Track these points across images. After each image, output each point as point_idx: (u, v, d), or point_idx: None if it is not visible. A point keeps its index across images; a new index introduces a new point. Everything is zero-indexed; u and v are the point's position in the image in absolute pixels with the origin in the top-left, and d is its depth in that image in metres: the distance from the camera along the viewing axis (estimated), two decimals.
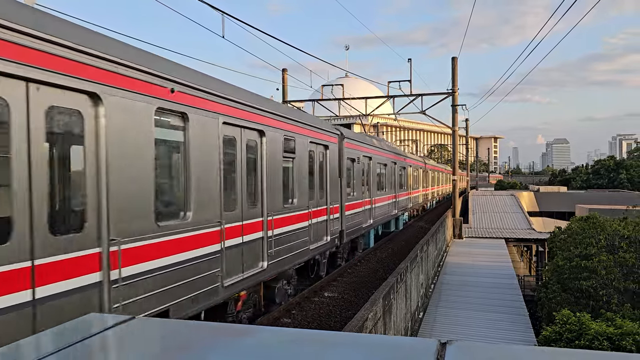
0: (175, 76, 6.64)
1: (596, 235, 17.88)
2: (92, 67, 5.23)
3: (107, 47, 5.55)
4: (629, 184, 71.81)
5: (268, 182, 9.43)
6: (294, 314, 12.04)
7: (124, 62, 5.66)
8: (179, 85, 6.68)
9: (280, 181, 10.06)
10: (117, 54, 5.61)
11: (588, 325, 10.79)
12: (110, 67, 5.47)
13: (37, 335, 1.97)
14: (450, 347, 1.57)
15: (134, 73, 5.84)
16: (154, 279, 6.08)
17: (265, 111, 9.28)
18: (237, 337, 1.88)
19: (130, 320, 2.05)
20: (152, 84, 6.15)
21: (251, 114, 8.76)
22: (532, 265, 38.79)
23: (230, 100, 8.01)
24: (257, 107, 8.95)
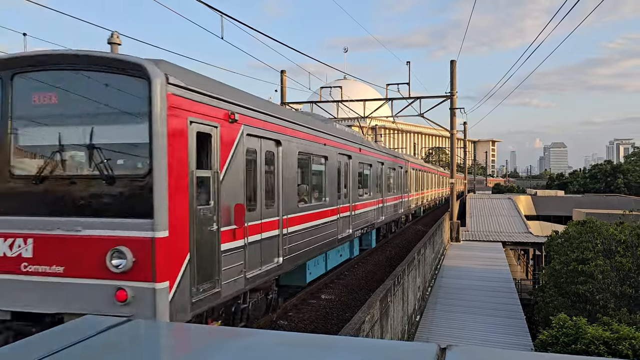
0: (316, 126, 12.55)
1: (593, 239, 17.90)
2: (276, 125, 9.72)
3: (283, 113, 10.60)
4: (626, 189, 72.05)
5: (328, 182, 13.50)
6: (291, 316, 12.02)
7: (293, 121, 10.72)
8: (322, 133, 12.93)
9: (336, 181, 14.18)
10: (289, 116, 10.69)
11: (584, 330, 10.79)
12: (284, 126, 10.15)
13: (34, 336, 1.95)
14: (450, 352, 1.56)
15: (292, 125, 10.56)
16: (299, 235, 10.89)
17: (326, 133, 13.46)
18: (235, 340, 1.87)
19: (128, 321, 2.03)
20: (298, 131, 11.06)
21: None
22: (529, 269, 38.85)
23: (308, 128, 11.88)
24: (323, 132, 13.18)
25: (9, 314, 6.37)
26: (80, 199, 6.48)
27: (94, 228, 6.25)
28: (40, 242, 6.41)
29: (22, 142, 6.87)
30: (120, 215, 6.23)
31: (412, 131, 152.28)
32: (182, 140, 6.59)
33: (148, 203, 6.14)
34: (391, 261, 19.46)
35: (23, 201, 6.66)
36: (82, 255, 6.27)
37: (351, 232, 15.10)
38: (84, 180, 6.56)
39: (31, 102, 6.67)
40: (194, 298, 6.74)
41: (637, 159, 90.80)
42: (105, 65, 6.40)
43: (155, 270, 6.05)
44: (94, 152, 6.50)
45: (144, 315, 5.98)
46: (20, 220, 6.47)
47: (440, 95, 29.59)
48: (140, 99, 6.25)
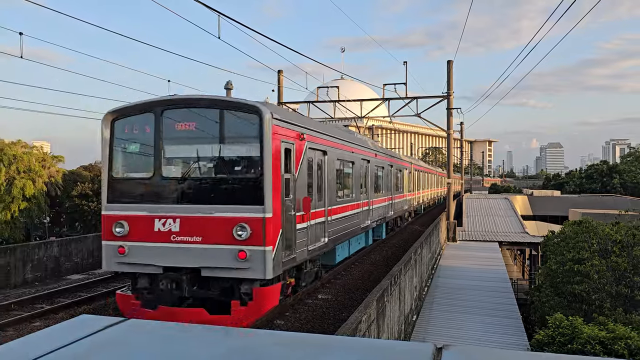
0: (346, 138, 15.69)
1: (589, 239, 17.94)
2: (324, 140, 12.74)
3: (328, 130, 13.74)
4: (622, 189, 72.22)
5: (367, 182, 17.96)
6: (288, 316, 12.01)
7: (333, 135, 13.84)
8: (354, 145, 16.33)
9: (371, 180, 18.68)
10: (331, 132, 13.75)
11: (580, 329, 10.82)
12: (328, 140, 13.22)
13: (29, 336, 1.95)
14: (446, 352, 1.56)
15: (332, 138, 13.61)
16: (336, 222, 13.67)
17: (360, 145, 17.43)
18: (231, 340, 1.86)
19: (124, 321, 2.03)
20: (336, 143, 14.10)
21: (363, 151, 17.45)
22: (526, 268, 38.95)
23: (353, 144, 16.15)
24: (362, 146, 17.58)
25: (161, 269, 9.72)
26: (212, 192, 9.78)
27: (224, 212, 9.46)
28: (184, 220, 9.59)
29: (169, 155, 10.26)
30: (242, 203, 9.47)
31: (409, 131, 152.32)
32: (277, 154, 9.75)
33: (260, 195, 9.38)
34: (388, 261, 19.46)
35: (171, 194, 9.92)
36: (215, 229, 9.43)
37: (369, 223, 18.22)
38: (215, 180, 9.97)
39: (175, 128, 10.05)
40: (283, 259, 9.90)
41: (633, 159, 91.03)
42: (232, 106, 9.85)
43: (265, 238, 9.28)
44: (222, 162, 10.07)
45: (256, 266, 9.27)
46: (170, 207, 9.76)
47: (437, 96, 29.62)
48: (255, 127, 9.55)
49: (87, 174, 68.46)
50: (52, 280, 17.33)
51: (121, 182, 10.46)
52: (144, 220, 9.83)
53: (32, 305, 13.33)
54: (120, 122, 10.42)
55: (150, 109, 10.17)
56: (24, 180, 52.35)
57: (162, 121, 9.99)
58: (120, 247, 9.94)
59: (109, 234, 10.11)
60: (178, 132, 10.05)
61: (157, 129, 9.99)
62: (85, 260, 19.15)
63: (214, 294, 9.80)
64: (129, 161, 10.78)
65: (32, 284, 16.57)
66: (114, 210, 10.16)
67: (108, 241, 10.19)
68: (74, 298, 13.92)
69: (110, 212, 10.19)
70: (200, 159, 10.17)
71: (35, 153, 58.43)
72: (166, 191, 9.96)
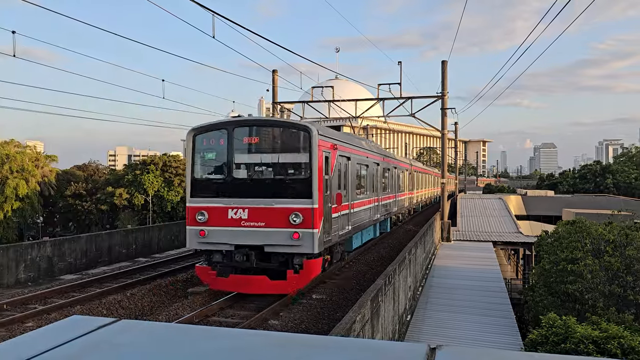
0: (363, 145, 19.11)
1: (582, 239, 18.02)
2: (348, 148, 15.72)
3: (351, 140, 17.31)
4: (615, 189, 72.65)
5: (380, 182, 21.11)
6: (282, 316, 12.00)
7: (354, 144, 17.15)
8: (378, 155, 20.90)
9: (384, 180, 22.26)
10: (351, 141, 17.08)
11: (574, 329, 10.85)
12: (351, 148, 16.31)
13: (21, 337, 1.93)
14: (440, 352, 1.56)
15: (354, 147, 16.53)
16: (356, 214, 16.27)
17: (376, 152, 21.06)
18: (224, 340, 1.86)
19: (116, 322, 2.02)
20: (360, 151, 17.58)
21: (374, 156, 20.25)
22: (519, 268, 39.05)
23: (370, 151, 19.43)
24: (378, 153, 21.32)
25: (233, 246, 12.72)
26: (272, 189, 12.79)
27: (282, 204, 12.48)
28: (251, 210, 12.60)
29: (238, 161, 13.17)
30: (295, 197, 12.48)
31: (404, 131, 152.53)
32: (320, 160, 12.70)
33: (309, 191, 12.39)
34: (383, 260, 19.48)
35: (240, 191, 12.84)
36: (275, 216, 12.43)
37: (378, 216, 21.14)
38: (275, 180, 13.02)
39: (243, 142, 13.12)
40: (324, 240, 12.85)
41: (625, 159, 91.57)
42: (289, 125, 13.27)
43: (313, 223, 12.26)
44: (280, 166, 13.09)
45: (306, 244, 12.23)
46: (240, 200, 12.71)
47: (432, 96, 29.67)
48: (305, 141, 12.63)
49: (81, 174, 68.15)
50: (45, 280, 17.24)
51: (201, 182, 13.37)
52: (220, 210, 12.86)
53: (25, 305, 13.25)
54: (200, 137, 13.38)
55: (224, 127, 13.23)
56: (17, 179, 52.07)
57: (233, 136, 13.03)
58: (202, 230, 12.88)
59: (193, 221, 13.04)
60: (245, 145, 13.24)
61: (230, 142, 13.04)
62: (78, 260, 19.06)
63: (273, 265, 12.82)
64: (207, 166, 13.73)
65: (25, 284, 16.48)
66: (196, 202, 13.11)
67: (192, 226, 13.07)
68: (67, 298, 13.85)
69: (193, 204, 13.13)
70: (263, 165, 13.36)
71: (29, 152, 58.16)
72: (237, 188, 12.96)
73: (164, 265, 18.97)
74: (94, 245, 19.90)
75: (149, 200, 56.22)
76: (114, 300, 13.21)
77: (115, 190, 57.97)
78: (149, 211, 56.46)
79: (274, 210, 12.43)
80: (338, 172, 14.55)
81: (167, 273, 17.08)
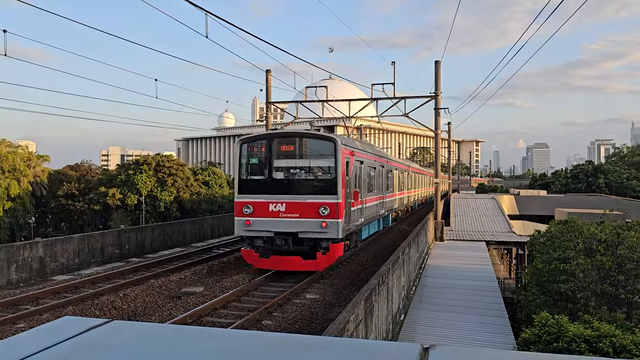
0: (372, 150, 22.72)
1: (574, 238, 18.12)
2: (362, 154, 18.75)
3: (363, 147, 20.50)
4: (607, 189, 73.03)
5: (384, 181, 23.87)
6: (275, 316, 11.99)
7: (365, 150, 20.02)
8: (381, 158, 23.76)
9: (389, 180, 24.96)
10: (364, 147, 20.49)
11: (566, 328, 10.91)
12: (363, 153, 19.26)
13: (12, 337, 1.91)
14: (433, 352, 1.56)
15: (365, 152, 19.68)
16: (367, 209, 19.30)
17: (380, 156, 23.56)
18: (216, 341, 1.85)
19: (108, 323, 2.00)
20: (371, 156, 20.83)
21: (380, 159, 22.86)
22: (512, 268, 39.20)
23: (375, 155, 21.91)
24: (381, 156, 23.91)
25: (273, 233, 15.43)
26: (305, 187, 15.66)
27: (312, 199, 15.28)
28: (288, 204, 15.35)
29: (277, 165, 16.00)
30: (323, 194, 15.35)
31: (397, 131, 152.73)
32: (343, 164, 15.48)
33: (335, 189, 15.21)
34: (376, 260, 19.50)
35: (279, 189, 15.67)
36: (307, 209, 15.20)
37: (383, 212, 23.77)
38: (307, 180, 15.82)
39: (281, 150, 15.92)
40: (345, 228, 15.70)
41: (617, 159, 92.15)
42: (318, 137, 16.05)
43: (338, 214, 15.06)
44: (312, 169, 15.92)
45: (332, 231, 15.10)
46: (278, 196, 15.51)
47: (425, 96, 29.72)
48: (332, 149, 15.47)
49: (74, 174, 67.76)
50: (37, 281, 17.13)
51: (247, 182, 16.25)
52: (262, 204, 15.69)
53: (17, 306, 13.16)
54: (245, 145, 16.32)
55: (265, 137, 16.33)
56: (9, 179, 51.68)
57: (273, 145, 16.00)
58: (247, 220, 15.75)
59: (240, 213, 15.92)
60: (282, 152, 16.05)
61: (269, 149, 16.00)
62: (71, 260, 18.95)
63: (305, 248, 15.63)
64: (251, 168, 16.42)
65: (17, 285, 16.37)
66: (242, 198, 15.98)
67: (239, 217, 15.96)
68: (59, 299, 13.77)
69: (240, 199, 16.02)
70: (297, 168, 16.07)
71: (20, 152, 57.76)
72: (276, 187, 15.84)
73: (157, 265, 18.89)
74: (86, 245, 19.79)
75: (142, 200, 55.99)
76: (107, 301, 13.15)
77: (108, 190, 57.68)
78: (142, 211, 56.23)
79: (306, 204, 15.40)
80: (354, 174, 17.40)
81: (160, 273, 17.01)
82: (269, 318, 11.89)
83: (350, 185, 16.49)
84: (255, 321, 11.55)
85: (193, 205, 56.55)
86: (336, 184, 15.32)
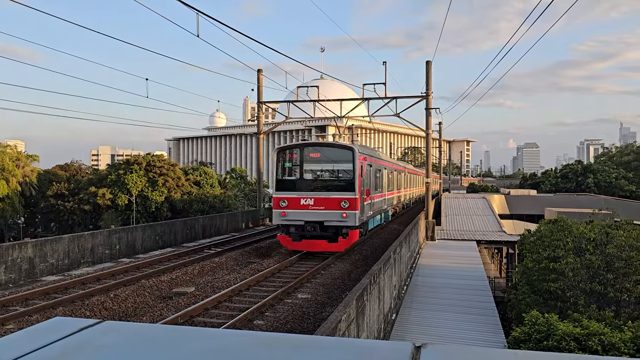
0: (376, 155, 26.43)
1: (564, 238, 18.27)
2: (370, 159, 22.09)
3: (371, 152, 24.43)
4: (596, 188, 73.60)
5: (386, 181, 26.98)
6: (267, 316, 11.97)
7: (372, 155, 23.38)
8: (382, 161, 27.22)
9: (390, 180, 28.48)
10: (371, 153, 23.83)
11: (556, 326, 10.99)
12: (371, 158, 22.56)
13: (1, 339, 1.90)
14: (425, 351, 1.57)
15: (372, 157, 22.79)
16: (375, 203, 22.79)
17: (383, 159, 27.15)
18: (208, 341, 1.85)
19: (100, 323, 1.99)
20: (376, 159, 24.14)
21: (383, 162, 26.38)
22: (503, 267, 39.45)
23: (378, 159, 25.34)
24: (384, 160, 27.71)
25: (303, 222, 19.04)
26: (329, 185, 19.34)
27: (335, 195, 18.93)
28: (316, 199, 19.00)
29: (306, 168, 19.60)
30: (344, 191, 18.98)
31: (388, 131, 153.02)
32: (359, 168, 19.02)
33: (353, 187, 18.88)
34: (367, 260, 19.54)
35: (308, 187, 19.30)
36: (331, 203, 18.86)
37: (385, 207, 27.04)
38: (331, 180, 19.57)
39: (309, 156, 19.57)
40: (360, 218, 19.15)
41: (606, 159, 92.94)
42: (340, 146, 20.02)
43: (355, 207, 18.74)
44: (335, 171, 19.69)
45: (351, 220, 18.83)
46: (308, 192, 19.15)
47: (416, 96, 29.82)
48: (350, 156, 19.12)
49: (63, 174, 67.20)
50: (27, 282, 16.98)
51: (282, 181, 19.85)
52: (295, 199, 19.28)
53: (6, 307, 13.03)
54: (281, 152, 20.08)
55: (297, 146, 20.07)
56: None
57: (303, 152, 19.70)
58: (283, 212, 19.37)
59: (277, 206, 19.49)
60: (311, 157, 19.72)
61: (301, 156, 19.68)
62: (60, 261, 18.81)
63: (329, 234, 19.18)
64: (286, 171, 19.97)
65: (6, 286, 16.21)
66: (279, 194, 19.56)
67: (277, 209, 19.53)
68: (49, 300, 13.66)
69: (277, 195, 19.61)
70: (323, 170, 19.92)
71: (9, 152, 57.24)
72: (306, 185, 19.51)
73: (148, 265, 18.79)
74: (76, 245, 19.64)
75: (133, 200, 55.67)
76: (97, 301, 13.06)
77: (98, 190, 57.29)
78: (132, 211, 55.91)
79: (330, 199, 19.03)
80: (366, 175, 20.69)
81: (151, 274, 16.93)
82: (261, 318, 11.88)
83: (363, 184, 19.87)
84: (247, 321, 11.53)
85: (184, 205, 56.31)
86: (354, 183, 18.99)
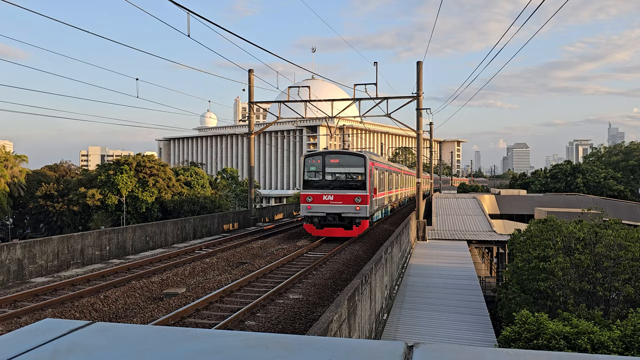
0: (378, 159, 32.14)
1: (553, 237, 18.39)
2: (375, 163, 28.08)
3: (377, 158, 30.83)
4: (585, 188, 74.17)
5: (387, 182, 33.15)
6: (259, 317, 11.95)
7: (377, 160, 29.92)
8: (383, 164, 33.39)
9: (389, 180, 34.25)
10: (377, 159, 30.52)
11: (546, 325, 11.06)
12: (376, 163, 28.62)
13: None
14: (417, 350, 1.57)
15: (377, 161, 29.18)
16: (380, 200, 29.09)
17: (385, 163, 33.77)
18: (199, 342, 1.84)
19: (90, 325, 1.98)
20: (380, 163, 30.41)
21: (384, 165, 32.68)
22: (493, 266, 39.65)
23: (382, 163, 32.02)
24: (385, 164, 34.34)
25: (325, 214, 24.67)
26: (346, 185, 24.93)
27: (350, 192, 24.64)
28: (335, 196, 24.70)
29: (327, 171, 25.13)
30: (357, 189, 24.69)
31: (379, 131, 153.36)
32: (369, 171, 24.85)
33: (364, 186, 24.64)
34: (359, 260, 19.56)
35: (329, 186, 24.90)
36: (347, 199, 24.55)
37: (386, 203, 32.05)
38: (347, 180, 25.09)
39: (330, 162, 25.23)
40: (370, 210, 24.89)
41: (595, 159, 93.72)
42: (354, 154, 25.57)
43: (366, 202, 24.44)
44: (350, 174, 25.16)
45: (363, 212, 24.56)
46: (329, 190, 24.82)
47: (407, 96, 29.91)
48: (362, 161, 24.94)
49: (52, 174, 66.67)
50: (15, 283, 16.82)
51: (309, 181, 24.86)
52: (319, 196, 24.37)
53: None
54: (307, 159, 25.15)
55: (320, 154, 25.02)
56: None
57: (325, 159, 24.79)
58: (309, 206, 24.42)
59: (304, 201, 24.63)
60: (331, 163, 24.78)
61: (323, 161, 24.77)
62: (50, 262, 18.65)
63: (345, 223, 24.22)
64: (311, 173, 24.88)
65: None
66: (306, 192, 24.71)
67: (304, 204, 24.64)
68: (39, 302, 13.54)
69: (304, 192, 24.73)
70: (341, 173, 24.82)
71: None
72: (327, 184, 24.56)
73: (138, 266, 18.69)
74: (66, 247, 19.48)
75: (123, 200, 55.32)
76: (87, 303, 12.96)
77: (87, 190, 56.87)
78: (122, 212, 55.56)
79: (347, 195, 24.24)
80: (374, 177, 25.70)
81: (141, 275, 16.84)
82: (252, 318, 11.85)
83: (372, 184, 25.03)
84: (239, 322, 11.50)
85: (175, 205, 56.06)
86: (365, 183, 24.31)
